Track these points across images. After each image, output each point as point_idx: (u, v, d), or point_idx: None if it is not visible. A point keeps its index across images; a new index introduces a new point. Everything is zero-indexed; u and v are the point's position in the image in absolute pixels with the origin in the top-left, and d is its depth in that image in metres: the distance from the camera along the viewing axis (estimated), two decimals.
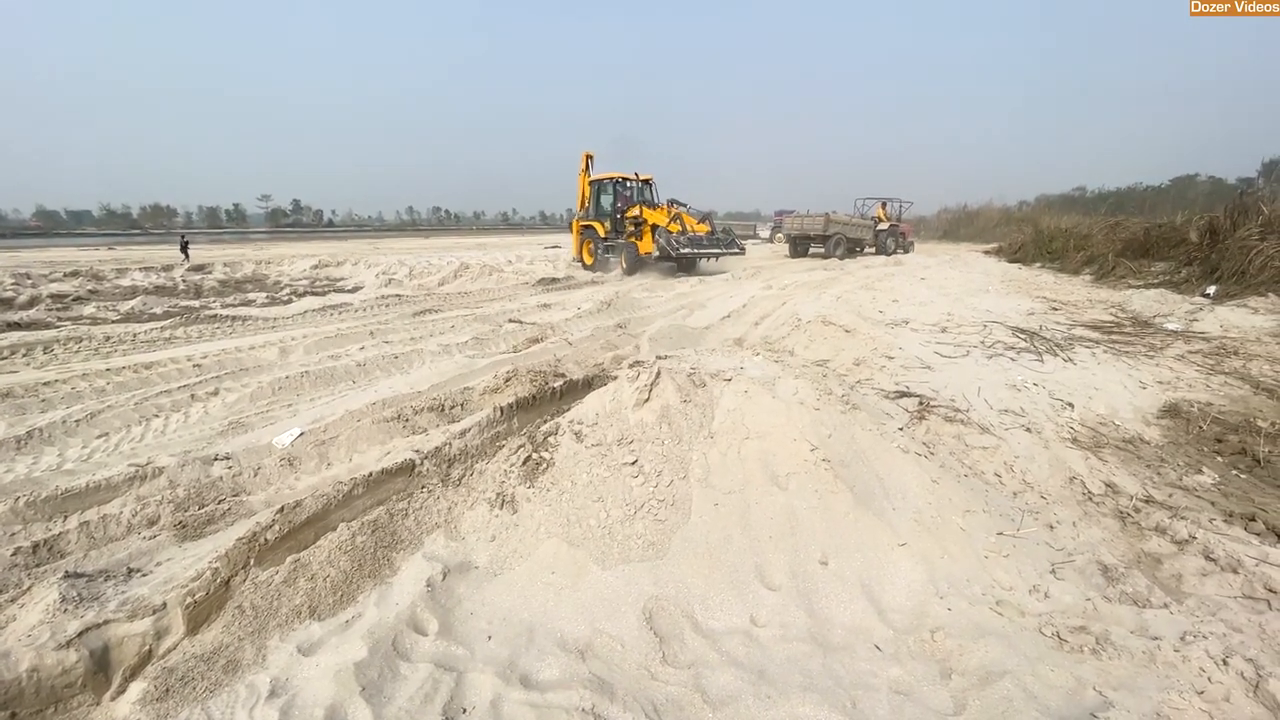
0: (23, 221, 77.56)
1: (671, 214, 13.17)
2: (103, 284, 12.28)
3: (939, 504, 2.49)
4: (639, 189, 14.39)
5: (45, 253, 23.54)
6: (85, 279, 12.70)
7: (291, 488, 3.49)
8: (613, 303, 8.86)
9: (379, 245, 30.63)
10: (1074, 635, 2.03)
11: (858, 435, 2.71)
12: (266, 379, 5.10)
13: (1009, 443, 3.92)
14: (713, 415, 2.72)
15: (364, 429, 4.00)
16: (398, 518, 2.49)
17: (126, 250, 25.57)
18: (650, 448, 2.58)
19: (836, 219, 21.26)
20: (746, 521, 2.32)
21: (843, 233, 21.12)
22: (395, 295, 10.34)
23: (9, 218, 78.74)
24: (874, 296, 9.92)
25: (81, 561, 2.82)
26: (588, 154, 15.14)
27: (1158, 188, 43.02)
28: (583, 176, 15.15)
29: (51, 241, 35.99)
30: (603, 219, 14.41)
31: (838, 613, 2.07)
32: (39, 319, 8.51)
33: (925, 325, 7.45)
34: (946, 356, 5.85)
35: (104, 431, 4.13)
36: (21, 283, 11.68)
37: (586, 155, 15.17)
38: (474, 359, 5.75)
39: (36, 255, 21.30)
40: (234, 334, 7.40)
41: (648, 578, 2.17)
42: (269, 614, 2.07)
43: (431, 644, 1.92)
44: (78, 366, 5.72)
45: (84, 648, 2.15)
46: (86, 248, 28.03)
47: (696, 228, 13.55)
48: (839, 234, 20.93)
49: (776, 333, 7.18)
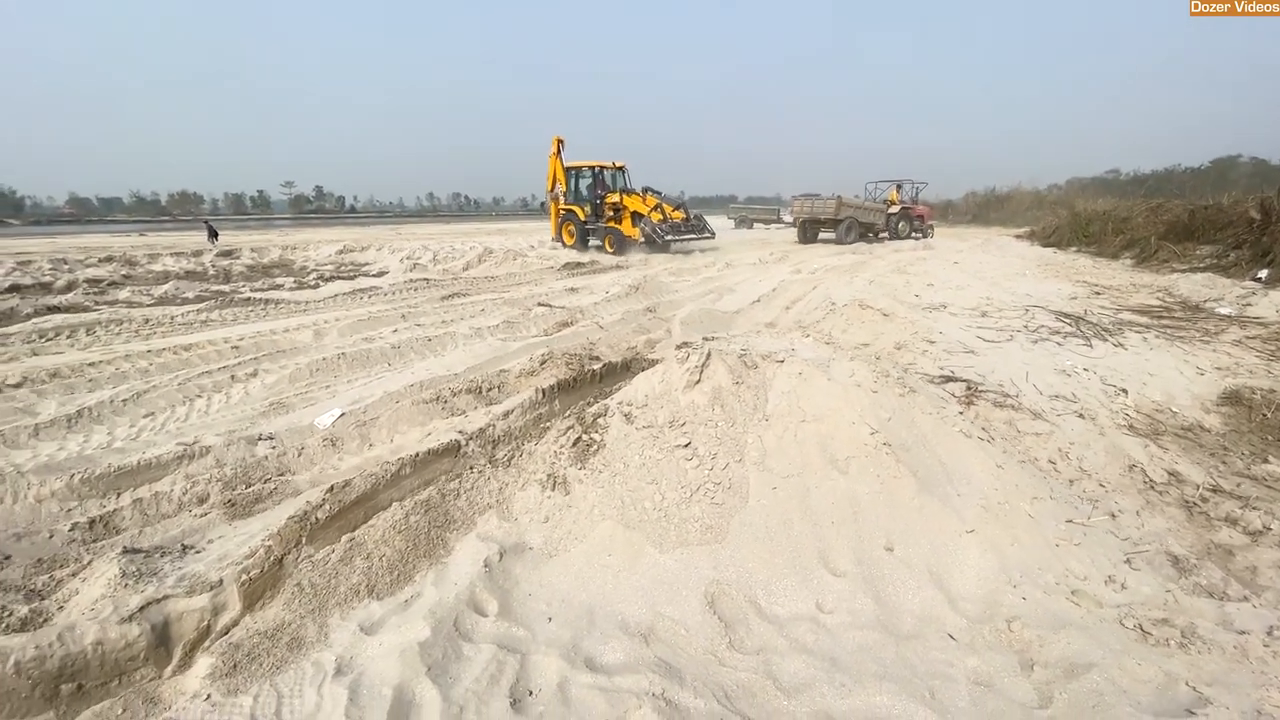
0: (56, 208, 79.52)
1: (652, 203, 14.28)
2: (136, 269, 12.50)
3: (1005, 490, 2.39)
4: (614, 176, 15.46)
5: (79, 239, 24.06)
6: (119, 264, 12.94)
7: (335, 468, 3.50)
8: (640, 287, 8.77)
9: (401, 230, 30.83)
10: (1157, 628, 1.94)
11: (918, 419, 2.62)
12: (304, 361, 5.13)
13: (1062, 429, 3.78)
14: (766, 397, 2.65)
15: (404, 410, 3.99)
16: (449, 498, 2.47)
17: (157, 236, 26.07)
18: (703, 430, 2.52)
19: (848, 202, 19.82)
20: (807, 506, 2.26)
21: (854, 217, 19.72)
22: (423, 279, 10.37)
23: (43, 205, 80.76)
24: (907, 281, 9.70)
25: (136, 538, 2.85)
26: (558, 138, 15.85)
27: (1197, 169, 41.43)
28: (553, 159, 15.88)
29: (84, 228, 36.84)
30: (581, 204, 15.48)
31: (906, 600, 2.00)
32: (77, 302, 8.69)
33: (964, 309, 7.26)
34: (990, 341, 5.68)
35: (150, 411, 4.18)
36: (59, 267, 11.95)
37: (557, 139, 15.87)
38: (506, 342, 5.73)
39: (71, 241, 21.78)
40: (268, 317, 7.47)
41: (707, 562, 2.11)
42: (328, 592, 2.06)
43: (492, 625, 1.89)
44: (120, 348, 5.82)
45: (145, 622, 2.16)
46: (119, 234, 28.62)
47: (673, 215, 14.71)
48: (850, 218, 19.55)
49: (809, 317, 7.05)
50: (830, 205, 19.36)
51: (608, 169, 15.46)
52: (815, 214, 19.82)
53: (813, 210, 19.90)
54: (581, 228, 15.52)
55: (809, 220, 20.28)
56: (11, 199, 71.71)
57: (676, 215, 14.74)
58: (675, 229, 14.49)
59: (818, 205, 19.76)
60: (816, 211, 19.77)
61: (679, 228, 14.66)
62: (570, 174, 15.76)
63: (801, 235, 20.78)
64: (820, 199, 19.85)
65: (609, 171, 15.47)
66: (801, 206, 20.38)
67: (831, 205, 19.31)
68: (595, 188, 15.25)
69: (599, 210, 15.14)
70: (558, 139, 15.89)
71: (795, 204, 20.87)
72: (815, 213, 19.81)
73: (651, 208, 14.23)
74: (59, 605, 2.33)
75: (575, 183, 15.79)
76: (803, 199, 20.52)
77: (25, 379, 4.73)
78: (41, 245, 19.09)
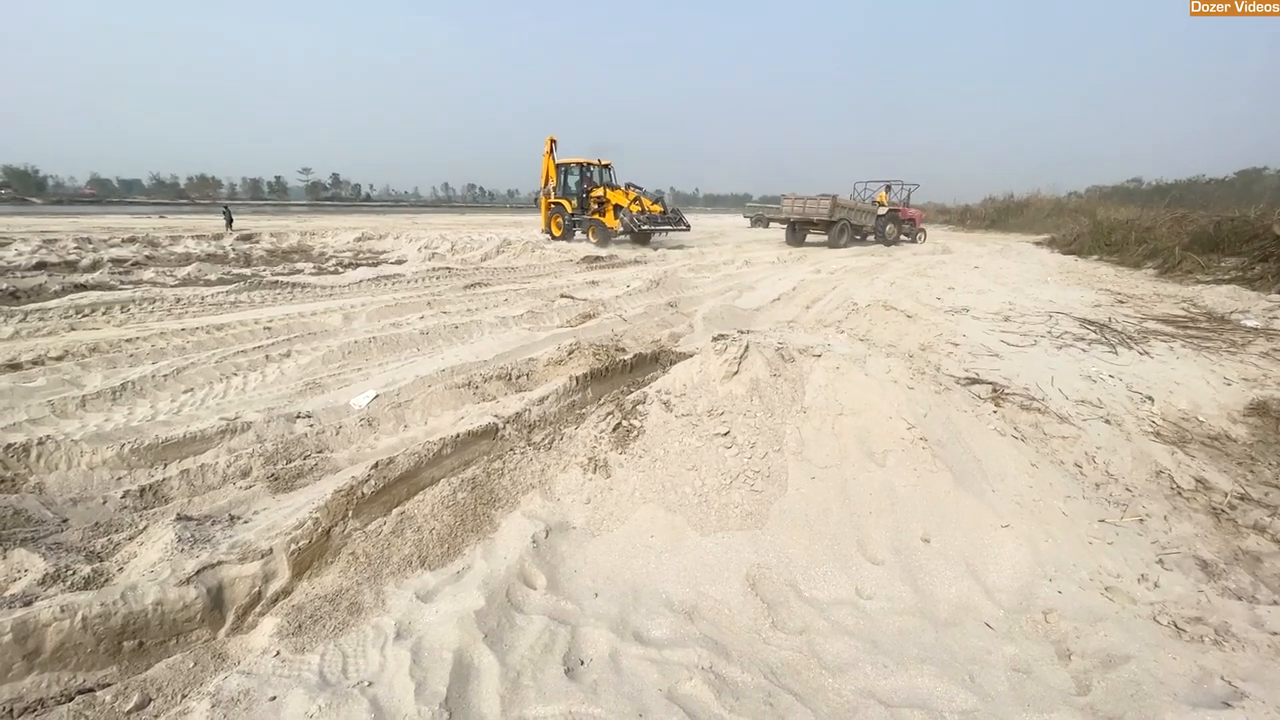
0: (78, 189, 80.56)
1: (631, 196, 15.36)
2: (158, 250, 12.69)
3: (1040, 488, 2.43)
4: (600, 172, 16.55)
5: (101, 219, 24.40)
6: (142, 245, 13.14)
7: (372, 447, 3.59)
8: (661, 282, 8.82)
9: (417, 220, 31.02)
10: (1191, 625, 1.98)
11: (953, 416, 2.66)
12: (335, 343, 5.23)
13: (1089, 433, 3.81)
14: (803, 390, 2.70)
15: (436, 394, 4.07)
16: (494, 476, 2.54)
17: (177, 219, 26.40)
18: (742, 420, 2.57)
19: (843, 203, 18.54)
20: (845, 496, 2.31)
21: (848, 219, 18.53)
22: (444, 269, 10.47)
23: (65, 185, 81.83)
24: (928, 284, 9.69)
25: (185, 507, 2.95)
26: (551, 138, 16.88)
27: (1222, 180, 40.83)
28: (546, 158, 16.85)
29: (106, 209, 37.32)
30: (569, 197, 16.53)
31: (943, 590, 2.05)
32: (103, 281, 8.85)
33: (987, 314, 7.26)
34: (1014, 345, 5.70)
35: (190, 387, 4.29)
36: (84, 247, 12.16)
37: (550, 139, 16.88)
38: (532, 332, 5.81)
39: (93, 221, 22.10)
40: (295, 300, 7.59)
41: (748, 546, 2.17)
42: (381, 562, 2.14)
43: (542, 598, 1.96)
44: (155, 325, 5.95)
45: (201, 585, 2.26)
46: (139, 215, 28.99)
47: (651, 208, 15.85)
48: (844, 220, 18.31)
49: (831, 316, 7.08)
50: (824, 206, 17.94)
51: (594, 165, 16.51)
52: (807, 215, 18.39)
53: (805, 210, 18.42)
54: (569, 219, 16.51)
55: (800, 221, 18.81)
56: (34, 178, 72.74)
57: (654, 208, 15.91)
58: (652, 220, 15.61)
59: (810, 205, 18.30)
60: (809, 212, 18.32)
61: (655, 219, 15.77)
62: (560, 170, 16.76)
63: (790, 237, 19.25)
64: (814, 199, 18.36)
65: (595, 168, 16.53)
66: (792, 206, 18.74)
67: (826, 206, 17.91)
68: (582, 183, 16.34)
69: (585, 203, 16.16)
70: (551, 139, 16.86)
71: (785, 202, 19.13)
72: (808, 213, 18.36)
73: (631, 200, 15.29)
74: (118, 567, 2.42)
75: (564, 178, 16.78)
76: (794, 198, 18.82)
77: (67, 352, 4.86)
78: (65, 224, 19.40)
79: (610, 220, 15.34)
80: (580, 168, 16.60)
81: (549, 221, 17.27)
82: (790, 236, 19.20)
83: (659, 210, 16.09)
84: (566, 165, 16.78)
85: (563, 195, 16.81)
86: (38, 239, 12.82)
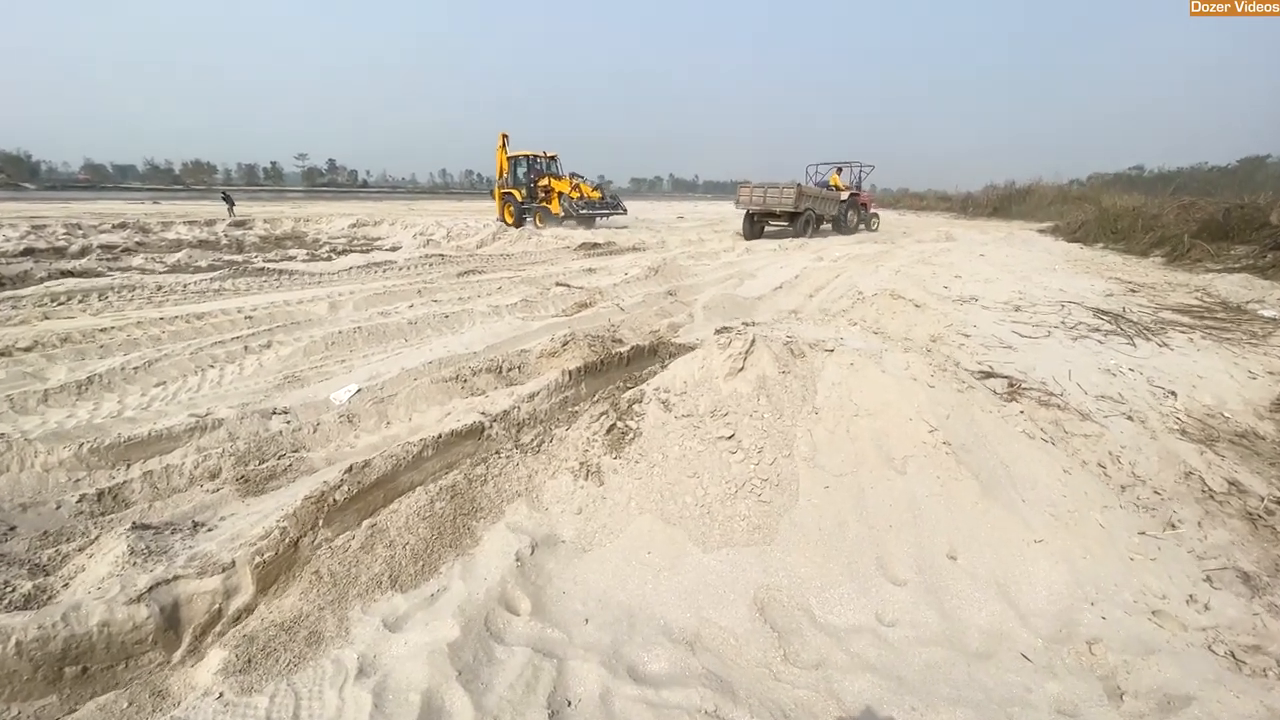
0: (72, 174, 79.69)
1: (570, 184, 16.76)
2: (149, 236, 12.39)
3: (1074, 498, 2.22)
4: (547, 163, 17.86)
5: (94, 205, 23.98)
6: (133, 231, 12.84)
7: (352, 445, 3.37)
8: (660, 270, 8.56)
9: (414, 207, 30.59)
10: (1250, 656, 1.77)
11: (978, 417, 2.44)
12: (319, 333, 4.99)
13: (1112, 431, 3.59)
14: (815, 389, 2.47)
15: (422, 388, 3.85)
16: (476, 484, 2.32)
17: (170, 204, 25.96)
18: (748, 421, 2.35)
19: (809, 192, 16.29)
20: (862, 507, 2.09)
21: (813, 208, 16.41)
22: (438, 255, 10.19)
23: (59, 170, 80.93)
24: (934, 272, 9.43)
25: (146, 513, 2.73)
26: (504, 134, 18.14)
27: (1224, 168, 40.32)
28: (500, 152, 18.09)
29: (99, 194, 36.74)
30: (519, 187, 17.70)
31: (973, 614, 1.84)
32: (90, 268, 8.59)
33: (996, 303, 7.01)
34: (1027, 336, 5.46)
35: (161, 380, 4.06)
36: (73, 233, 11.86)
37: (503, 135, 18.12)
38: (526, 321, 5.57)
39: (86, 207, 21.70)
40: (281, 288, 7.33)
41: (755, 564, 1.96)
42: (348, 582, 1.92)
43: (525, 625, 1.75)
44: (132, 314, 5.70)
45: (154, 603, 2.04)
46: (133, 201, 28.52)
47: (591, 194, 17.28)
48: (809, 210, 16.20)
49: (836, 305, 6.84)
50: (789, 195, 15.57)
51: (541, 158, 17.85)
52: (769, 205, 15.99)
53: (765, 201, 16.01)
54: (519, 208, 17.65)
55: (760, 213, 16.43)
56: (27, 163, 71.86)
57: (594, 195, 17.43)
58: (590, 205, 17.08)
59: (772, 195, 15.90)
60: (771, 202, 15.94)
61: (594, 205, 17.28)
62: (511, 162, 17.92)
63: (747, 230, 16.59)
64: (775, 187, 15.94)
65: (542, 160, 17.84)
66: (750, 196, 16.27)
67: (790, 195, 15.54)
68: (530, 173, 17.57)
69: (533, 193, 17.45)
70: (503, 134, 18.12)
71: (741, 192, 16.62)
72: (769, 204, 15.97)
73: (570, 188, 16.75)
74: (64, 582, 2.21)
75: (515, 170, 17.93)
76: (752, 187, 16.34)
77: (36, 343, 4.62)
78: (56, 210, 19.03)
79: (555, 207, 16.76)
80: (528, 159, 17.78)
81: (502, 210, 18.30)
82: (747, 229, 16.59)
83: (598, 196, 17.54)
84: (516, 158, 17.89)
85: (513, 185, 17.87)
86: (26, 224, 12.50)
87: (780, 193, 15.80)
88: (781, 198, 15.74)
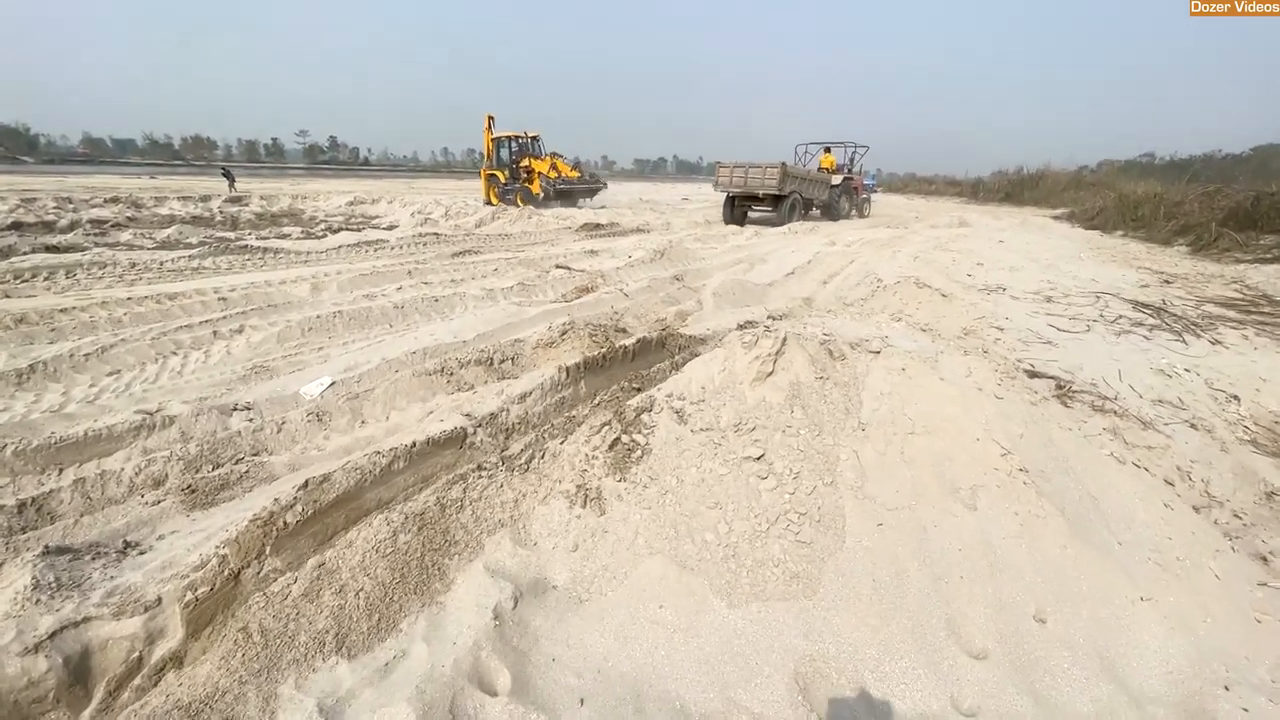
0: (71, 148, 78.75)
1: (547, 164, 17.09)
2: (141, 211, 11.96)
3: (1182, 539, 1.81)
4: (529, 144, 18.01)
5: (90, 179, 23.40)
6: (125, 206, 12.41)
7: (320, 448, 2.97)
8: (666, 252, 8.10)
9: (414, 185, 29.96)
10: None
11: (1056, 436, 2.02)
12: (296, 317, 4.58)
13: (1177, 442, 3.17)
14: (859, 399, 2.06)
15: (403, 382, 3.44)
16: (451, 510, 1.92)
17: (167, 180, 25.38)
18: (780, 439, 1.93)
19: (795, 172, 14.53)
20: (925, 552, 1.69)
21: (799, 191, 14.69)
22: (433, 234, 9.72)
23: (57, 144, 80.00)
24: (954, 258, 8.95)
25: (71, 529, 2.34)
26: (490, 116, 18.23)
27: (1238, 156, 39.30)
28: (486, 134, 18.21)
29: (97, 168, 36.05)
30: (503, 168, 17.94)
31: (1074, 699, 1.44)
32: (76, 243, 8.21)
33: (1025, 293, 6.56)
34: (1065, 331, 5.03)
35: (115, 369, 3.66)
36: (64, 207, 11.44)
37: (489, 117, 18.22)
38: (522, 307, 5.14)
39: (81, 181, 21.15)
40: (265, 267, 6.90)
41: (794, 625, 1.56)
42: (284, 643, 1.53)
43: (504, 709, 1.35)
44: (98, 294, 5.29)
45: (57, 653, 1.67)
46: (130, 175, 27.93)
47: (569, 174, 17.75)
48: (795, 193, 14.48)
49: (853, 293, 6.39)
50: (772, 175, 13.82)
51: (523, 139, 17.98)
52: (750, 188, 14.27)
53: (747, 182, 14.26)
54: (503, 188, 17.80)
55: (742, 196, 14.72)
56: (26, 136, 70.95)
57: (572, 174, 17.94)
58: (568, 183, 17.54)
59: (754, 176, 14.12)
60: (752, 184, 14.20)
61: (571, 183, 17.73)
62: (495, 144, 18.07)
63: (728, 215, 15.00)
64: (758, 167, 14.15)
65: (525, 140, 17.99)
66: (730, 176, 14.53)
67: (774, 175, 13.78)
68: (513, 154, 17.82)
69: (515, 173, 17.65)
70: (489, 116, 18.22)
71: (720, 172, 14.88)
72: (750, 186, 14.25)
73: (548, 168, 17.09)
74: None
75: (499, 151, 18.11)
76: (732, 166, 14.58)
77: None
78: (50, 184, 18.52)
79: (535, 188, 17.01)
80: (511, 140, 17.94)
81: (488, 192, 18.39)
82: (728, 214, 14.96)
83: (575, 175, 18.05)
84: (499, 139, 18.01)
85: (497, 166, 18.04)
86: (15, 198, 12.06)
87: (763, 173, 13.99)
88: (764, 179, 13.98)
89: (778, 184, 13.85)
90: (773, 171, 13.85)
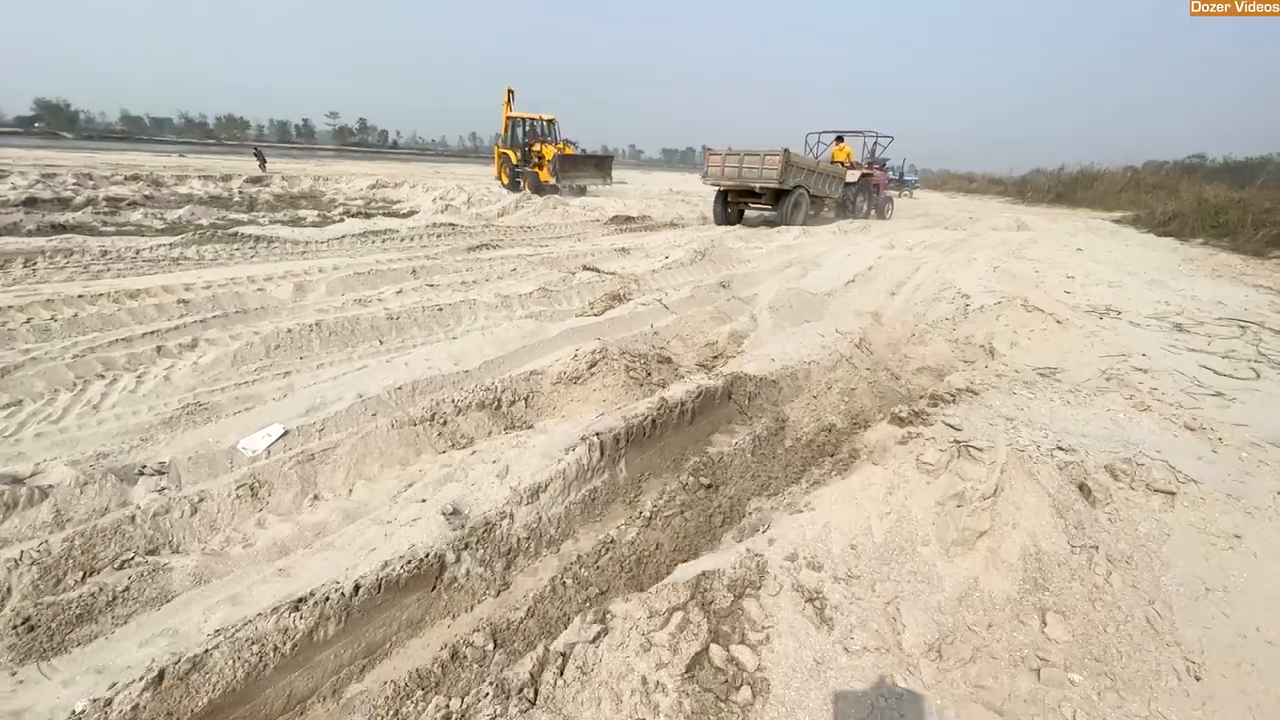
0: (109, 125, 79.83)
1: (551, 153, 16.30)
2: (160, 190, 11.34)
3: None
4: (544, 127, 17.38)
5: (120, 155, 23.03)
6: (144, 184, 11.79)
7: (247, 542, 2.07)
8: (707, 253, 7.08)
9: (440, 170, 29.21)
10: None
11: None
12: (266, 329, 3.70)
13: None
14: (1159, 587, 1.07)
15: (378, 437, 2.54)
16: None
17: (195, 158, 24.91)
18: (1027, 689, 0.96)
19: (800, 162, 11.66)
20: None
21: (805, 186, 11.81)
22: (449, 224, 8.81)
23: (96, 121, 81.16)
24: (1036, 269, 7.75)
25: None
26: (509, 89, 17.50)
27: None
28: (505, 107, 17.31)
29: (132, 145, 35.89)
30: (516, 148, 17.17)
31: None
32: (85, 222, 7.58)
33: (1145, 318, 5.41)
34: (1226, 375, 3.92)
35: (15, 399, 2.82)
36: (83, 183, 10.85)
37: (509, 90, 17.49)
38: (542, 321, 4.20)
39: (109, 158, 20.71)
40: (254, 259, 6.07)
41: None
42: None
43: None
44: (49, 289, 4.47)
45: None
46: (160, 154, 27.61)
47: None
48: (800, 187, 11.66)
49: (933, 311, 5.32)
50: (772, 166, 11.04)
51: (538, 120, 17.34)
52: (745, 181, 11.49)
53: (741, 174, 11.50)
54: (514, 170, 17.15)
55: (738, 190, 11.98)
56: (66, 113, 71.92)
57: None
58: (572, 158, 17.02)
59: (750, 167, 11.38)
60: (748, 176, 11.41)
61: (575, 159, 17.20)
62: (510, 123, 17.35)
63: (720, 213, 12.31)
64: (755, 155, 11.37)
65: (539, 123, 17.36)
66: (722, 167, 11.82)
67: (775, 166, 11.00)
68: (526, 136, 17.10)
69: (527, 156, 16.80)
70: (509, 89, 17.48)
71: (710, 162, 12.30)
72: (746, 178, 11.47)
73: (555, 154, 16.45)
74: None
75: (513, 130, 17.40)
76: (725, 154, 11.94)
77: None
78: (77, 159, 18.11)
79: (544, 175, 16.32)
80: (525, 121, 17.31)
81: (500, 170, 17.88)
82: (719, 212, 12.34)
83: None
84: (515, 119, 17.38)
85: (510, 146, 17.36)
86: (37, 173, 11.52)
87: (761, 163, 11.19)
88: (763, 170, 11.17)
89: (778, 177, 11.00)
90: (773, 161, 11.02)
